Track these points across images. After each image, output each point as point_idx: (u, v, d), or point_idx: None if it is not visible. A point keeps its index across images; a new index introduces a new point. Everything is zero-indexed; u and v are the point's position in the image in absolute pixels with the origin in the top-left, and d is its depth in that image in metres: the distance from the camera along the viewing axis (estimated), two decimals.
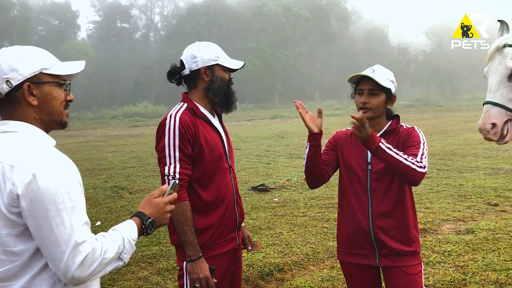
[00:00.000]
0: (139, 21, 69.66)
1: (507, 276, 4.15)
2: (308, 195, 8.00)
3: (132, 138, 23.35)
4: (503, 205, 6.66)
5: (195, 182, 2.36)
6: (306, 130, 2.38)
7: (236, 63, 2.51)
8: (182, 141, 2.28)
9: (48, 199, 1.40)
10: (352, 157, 2.46)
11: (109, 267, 1.50)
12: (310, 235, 5.69)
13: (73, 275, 1.41)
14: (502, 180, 8.35)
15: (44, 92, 1.56)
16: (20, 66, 1.52)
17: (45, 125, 1.60)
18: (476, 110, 34.02)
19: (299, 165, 11.51)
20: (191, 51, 2.44)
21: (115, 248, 1.51)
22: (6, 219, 1.43)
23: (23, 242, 1.45)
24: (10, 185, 1.41)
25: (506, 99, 2.63)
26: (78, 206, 1.46)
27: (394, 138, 2.41)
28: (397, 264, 2.37)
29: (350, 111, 40.24)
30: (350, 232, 2.46)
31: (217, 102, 2.45)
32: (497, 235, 5.32)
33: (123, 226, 1.60)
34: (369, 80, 2.37)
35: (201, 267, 2.25)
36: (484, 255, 4.70)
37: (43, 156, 1.46)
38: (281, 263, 4.73)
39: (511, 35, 2.73)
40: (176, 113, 2.35)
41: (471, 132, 17.29)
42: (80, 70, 1.68)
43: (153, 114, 43.86)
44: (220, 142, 2.46)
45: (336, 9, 62.88)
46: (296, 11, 55.41)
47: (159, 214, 1.70)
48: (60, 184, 1.42)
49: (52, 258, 1.42)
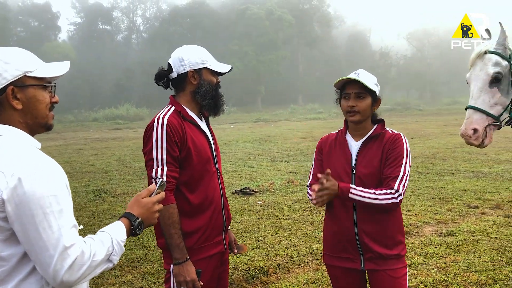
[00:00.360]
0: (121, 23, 69.10)
1: (487, 277, 4.23)
2: (292, 198, 8.03)
3: (113, 141, 23.11)
4: (483, 207, 6.79)
5: (183, 185, 2.35)
6: (289, 133, 2.43)
7: (223, 67, 2.51)
8: (170, 144, 2.28)
9: (35, 203, 1.38)
10: (337, 162, 2.48)
11: (99, 269, 1.49)
12: (295, 238, 5.71)
13: (62, 279, 1.39)
14: (482, 183, 8.51)
15: (29, 96, 1.54)
16: (4, 69, 1.49)
17: (30, 128, 1.58)
18: (456, 114, 34.61)
19: (283, 168, 11.56)
20: (179, 54, 2.44)
21: (104, 250, 1.49)
22: None
23: (10, 247, 1.43)
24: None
25: (488, 105, 2.72)
26: (65, 210, 1.44)
27: (379, 144, 2.43)
28: (381, 267, 2.40)
29: (332, 114, 40.62)
30: (335, 236, 2.48)
31: (205, 105, 2.45)
32: (477, 237, 5.42)
33: (111, 228, 1.59)
34: (355, 84, 2.39)
35: (188, 270, 2.24)
36: (465, 257, 4.78)
37: (28, 160, 1.43)
38: (266, 266, 4.73)
39: (494, 42, 2.80)
40: (164, 116, 2.34)
41: (451, 135, 17.60)
42: (65, 72, 1.65)
43: (134, 117, 43.51)
44: (207, 145, 2.46)
45: (319, 13, 63.35)
46: (279, 15, 55.64)
47: (148, 214, 1.69)
48: (46, 188, 1.40)
49: (40, 262, 1.40)
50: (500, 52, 2.74)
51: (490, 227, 5.78)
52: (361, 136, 2.48)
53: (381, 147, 2.42)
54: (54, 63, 1.66)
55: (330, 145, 2.55)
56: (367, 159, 2.42)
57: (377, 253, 2.38)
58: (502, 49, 2.75)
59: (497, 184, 8.42)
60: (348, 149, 2.47)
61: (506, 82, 2.73)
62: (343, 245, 2.44)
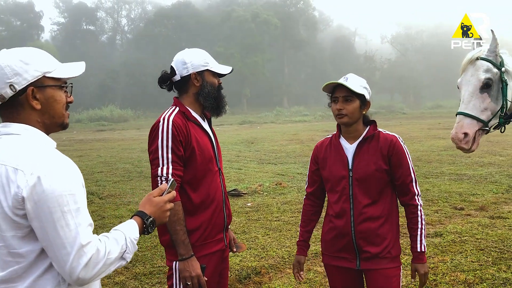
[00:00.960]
0: (105, 24, 68.66)
1: (474, 276, 4.34)
2: (281, 200, 8.09)
3: (98, 142, 22.93)
4: (468, 209, 6.93)
5: (186, 184, 2.40)
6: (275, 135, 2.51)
7: (224, 69, 2.57)
8: (175, 143, 2.32)
9: (53, 201, 1.40)
10: (333, 166, 2.53)
11: (113, 267, 1.52)
12: (285, 238, 5.77)
13: (79, 276, 1.42)
14: (467, 185, 8.69)
15: (47, 96, 1.57)
16: (24, 70, 1.51)
17: (46, 127, 1.60)
18: (439, 117, 35.21)
19: (270, 170, 11.62)
20: (181, 57, 2.49)
21: (118, 248, 1.52)
22: (11, 222, 1.43)
23: (28, 243, 1.45)
24: (14, 187, 1.41)
25: (479, 110, 2.80)
26: (82, 208, 1.47)
27: (375, 144, 2.49)
28: (376, 267, 2.45)
29: (318, 117, 40.92)
30: (332, 237, 2.54)
31: (208, 106, 2.51)
32: (464, 237, 5.54)
33: (124, 226, 1.61)
34: (343, 88, 2.44)
35: (193, 265, 2.29)
36: (452, 257, 4.88)
37: (46, 159, 1.46)
38: (258, 267, 4.77)
39: (485, 48, 2.89)
40: (169, 116, 2.38)
41: (435, 139, 17.89)
42: (81, 72, 1.68)
43: (119, 118, 43.22)
44: (210, 145, 2.51)
45: (304, 16, 63.80)
46: (265, 18, 55.88)
47: (159, 213, 1.71)
48: (64, 186, 1.42)
49: (57, 259, 1.43)
50: (491, 59, 2.82)
51: (476, 228, 5.91)
52: (355, 138, 2.53)
53: (377, 148, 2.47)
54: (70, 63, 1.68)
55: (325, 150, 2.60)
56: (364, 161, 2.46)
57: (372, 254, 2.44)
58: (493, 56, 2.83)
59: (481, 186, 8.60)
60: (343, 152, 2.51)
61: (496, 88, 2.81)
62: (339, 245, 2.50)
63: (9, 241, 1.44)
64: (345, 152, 2.51)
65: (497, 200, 7.48)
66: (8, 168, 1.44)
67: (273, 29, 57.05)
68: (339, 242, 2.50)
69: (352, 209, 2.46)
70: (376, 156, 2.46)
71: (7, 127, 1.54)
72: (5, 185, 1.43)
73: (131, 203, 8.27)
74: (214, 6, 64.98)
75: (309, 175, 2.70)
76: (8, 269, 1.45)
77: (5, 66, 1.50)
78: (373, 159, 2.45)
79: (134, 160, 14.71)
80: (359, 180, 2.45)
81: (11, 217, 1.43)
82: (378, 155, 2.46)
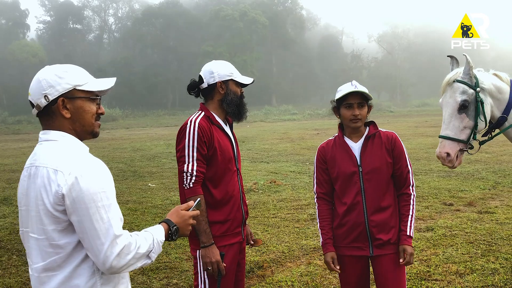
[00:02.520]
0: (92, 22, 68.13)
1: (465, 267, 4.60)
2: (276, 197, 8.30)
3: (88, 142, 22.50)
4: (457, 204, 7.23)
5: (208, 180, 2.67)
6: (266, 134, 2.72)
7: (247, 79, 2.87)
8: (200, 143, 2.61)
9: (89, 198, 1.60)
10: (343, 164, 2.75)
11: (139, 263, 1.71)
12: (284, 234, 5.98)
13: (112, 264, 1.62)
14: (455, 182, 9.00)
15: (77, 106, 1.77)
16: (57, 83, 1.73)
17: (78, 134, 1.81)
18: (425, 115, 35.72)
19: (263, 169, 11.83)
20: (209, 67, 2.78)
21: (146, 245, 1.72)
22: (52, 217, 1.64)
23: (66, 236, 1.65)
24: (55, 186, 1.62)
25: (458, 130, 3.14)
26: (113, 204, 1.67)
27: (378, 141, 2.76)
28: (388, 252, 2.71)
29: (306, 116, 41.20)
30: (346, 229, 2.75)
31: (230, 112, 2.79)
32: (454, 231, 5.81)
33: (153, 229, 1.83)
34: (356, 94, 2.67)
35: (213, 252, 2.57)
36: (444, 250, 5.14)
37: (82, 161, 1.67)
38: (260, 261, 4.99)
39: (461, 70, 3.19)
40: (196, 119, 2.67)
41: (423, 136, 18.25)
42: (111, 87, 1.88)
43: (107, 117, 42.84)
44: (230, 147, 2.79)
45: (292, 15, 64.07)
46: (253, 17, 56.01)
47: (183, 225, 1.93)
48: (98, 185, 1.63)
49: (92, 249, 1.62)
50: (467, 81, 3.12)
51: (465, 222, 6.19)
52: (358, 137, 2.79)
53: (381, 144, 2.74)
54: (102, 79, 1.89)
55: (332, 150, 2.83)
56: (371, 156, 2.72)
57: (384, 241, 2.69)
58: (468, 78, 3.12)
59: (469, 183, 8.92)
60: (350, 150, 2.76)
61: (473, 107, 3.11)
62: (353, 236, 2.73)
63: (50, 234, 1.65)
64: (352, 150, 2.75)
65: (484, 196, 7.79)
66: (49, 169, 1.65)
67: (261, 28, 57.19)
68: (353, 233, 2.72)
69: (364, 201, 2.70)
70: (381, 151, 2.72)
71: (46, 134, 1.77)
72: (46, 184, 1.64)
73: (129, 201, 8.41)
74: (202, 4, 64.91)
75: (317, 176, 2.88)
76: (49, 259, 1.66)
77: (42, 80, 1.74)
78: (379, 154, 2.72)
79: (127, 159, 14.81)
80: (369, 174, 2.70)
81: (52, 212, 1.63)
82: (383, 150, 2.72)
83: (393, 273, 2.70)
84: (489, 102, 3.20)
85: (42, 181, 1.65)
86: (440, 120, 3.24)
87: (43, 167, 1.67)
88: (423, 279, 4.35)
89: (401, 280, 2.73)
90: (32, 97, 1.75)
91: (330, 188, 2.85)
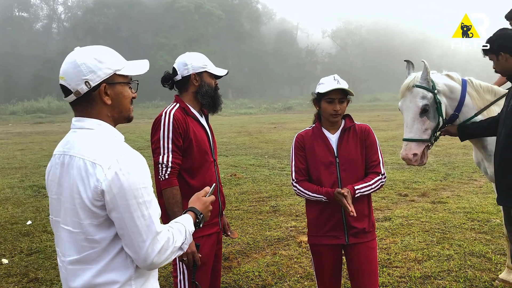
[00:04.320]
0: (40, 11, 65.17)
1: (423, 254, 4.82)
2: (238, 190, 8.34)
3: (38, 135, 22.06)
4: (412, 195, 7.54)
5: (184, 171, 2.66)
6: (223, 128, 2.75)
7: (221, 71, 2.87)
8: (175, 135, 2.60)
9: (130, 194, 1.53)
10: (320, 153, 2.82)
11: (174, 255, 1.67)
12: (247, 226, 6.04)
13: (153, 261, 1.57)
14: (408, 174, 9.37)
15: (117, 92, 1.69)
16: (98, 68, 1.63)
17: (115, 121, 1.73)
18: (377, 110, 36.82)
19: (223, 162, 11.82)
20: (183, 59, 2.77)
21: (181, 238, 1.69)
22: (89, 211, 1.56)
23: (102, 231, 1.58)
24: (94, 181, 1.53)
25: (421, 131, 3.37)
26: (154, 200, 1.61)
27: (353, 133, 2.85)
28: (362, 240, 2.80)
29: (263, 110, 41.38)
30: (323, 219, 2.82)
31: (205, 104, 2.79)
32: (410, 221, 6.06)
33: (183, 219, 1.78)
34: (337, 90, 2.73)
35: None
36: (402, 238, 5.36)
37: (121, 153, 1.58)
38: (226, 253, 5.01)
39: (419, 75, 3.40)
40: (171, 111, 2.66)
41: (376, 130, 18.50)
42: (146, 70, 1.79)
43: (57, 110, 41.45)
44: (206, 138, 2.79)
45: (248, 9, 64.05)
46: (208, 9, 55.57)
47: (206, 211, 1.91)
48: (139, 180, 1.56)
49: (133, 246, 1.56)
50: (425, 86, 3.33)
51: (420, 212, 6.48)
52: (335, 129, 2.87)
53: (356, 136, 2.84)
54: (135, 61, 1.79)
55: (310, 139, 2.88)
56: (347, 148, 2.81)
57: (359, 229, 2.79)
58: (426, 82, 3.34)
59: (421, 174, 9.31)
60: (328, 141, 2.84)
61: (433, 110, 3.35)
62: (329, 225, 2.80)
63: (86, 228, 1.58)
64: (329, 141, 2.83)
65: (436, 186, 8.17)
66: (87, 161, 1.56)
67: (216, 21, 56.87)
68: (330, 222, 2.79)
69: None
70: (356, 143, 2.82)
71: (81, 121, 1.66)
72: (84, 177, 1.55)
73: None
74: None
75: (296, 164, 2.89)
76: (84, 253, 1.60)
77: (81, 64, 1.62)
78: (354, 145, 2.82)
79: None
80: (345, 164, 2.78)
81: (89, 207, 1.56)
82: (357, 142, 2.82)
83: (367, 260, 2.80)
84: (444, 101, 3.43)
85: (79, 173, 1.56)
86: (392, 115, 3.49)
87: (79, 158, 1.58)
88: (384, 266, 4.53)
89: (374, 266, 2.83)
90: (69, 82, 1.63)
91: (308, 177, 2.87)
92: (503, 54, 3.02)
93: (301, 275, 4.40)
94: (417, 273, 4.35)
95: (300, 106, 43.90)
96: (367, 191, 2.75)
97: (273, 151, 13.58)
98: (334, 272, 2.89)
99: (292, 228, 5.91)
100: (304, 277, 4.36)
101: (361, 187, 2.74)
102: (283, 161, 11.64)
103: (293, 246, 5.20)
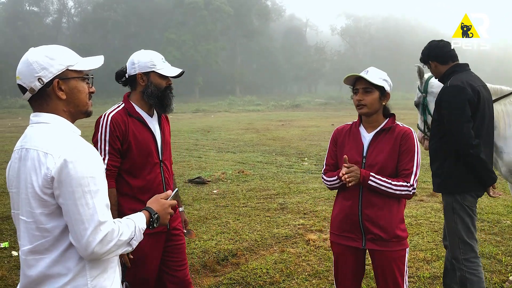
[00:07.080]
0: (50, 5, 65.45)
1: (431, 254, 4.79)
2: (245, 187, 8.34)
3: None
4: (421, 195, 7.49)
5: (124, 172, 2.71)
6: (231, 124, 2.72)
7: (172, 71, 2.80)
8: (112, 138, 2.65)
9: (76, 182, 1.58)
10: (349, 151, 2.70)
11: (120, 250, 1.70)
12: (255, 223, 6.03)
13: (93, 250, 1.59)
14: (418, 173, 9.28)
15: (71, 87, 1.75)
16: (50, 65, 1.70)
17: (72, 116, 1.79)
18: None
19: (230, 159, 11.83)
20: (132, 58, 2.78)
21: (129, 233, 1.72)
22: (40, 200, 1.62)
23: (53, 219, 1.63)
24: (44, 169, 1.59)
25: (420, 120, 3.98)
26: (101, 190, 1.65)
27: (390, 136, 2.65)
28: (381, 248, 2.64)
29: (270, 107, 41.32)
30: (341, 218, 2.73)
31: (152, 104, 2.78)
32: (419, 221, 6.02)
33: (135, 216, 1.82)
34: (363, 80, 2.65)
35: None
36: (410, 238, 5.33)
37: (72, 145, 1.64)
38: (234, 249, 5.01)
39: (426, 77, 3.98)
40: (110, 113, 2.70)
41: None
42: (100, 65, 1.86)
43: None
44: (151, 139, 2.77)
45: (257, 5, 63.87)
46: (217, 5, 55.46)
47: (163, 214, 1.94)
48: (86, 170, 1.61)
49: (75, 233, 1.60)
50: (418, 87, 3.92)
51: (429, 212, 6.43)
52: (373, 128, 2.70)
53: (392, 139, 2.63)
54: (90, 57, 1.87)
55: (344, 135, 2.78)
56: (378, 150, 2.63)
57: (377, 235, 2.62)
58: (419, 84, 3.92)
59: (430, 174, 9.19)
60: (360, 139, 2.70)
61: (421, 107, 3.90)
62: (347, 226, 2.70)
63: (37, 217, 1.63)
64: (362, 140, 2.70)
65: None
66: (40, 152, 1.62)
67: (225, 17, 56.76)
68: (347, 222, 2.69)
69: (360, 193, 2.63)
70: (389, 146, 2.62)
71: (38, 116, 1.73)
72: (37, 167, 1.61)
73: None
74: None
75: (327, 158, 2.84)
76: (36, 242, 1.64)
77: (33, 62, 1.69)
78: (387, 149, 2.61)
79: None
80: (371, 167, 2.60)
81: (40, 195, 1.61)
82: (391, 146, 2.61)
83: (384, 271, 2.66)
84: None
85: (33, 163, 1.63)
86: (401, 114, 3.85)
87: (33, 150, 1.64)
88: None
89: (392, 278, 2.66)
90: (24, 80, 1.70)
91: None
92: (431, 62, 3.42)
93: (309, 273, 4.39)
94: (426, 273, 4.32)
95: (308, 104, 43.73)
96: (383, 186, 2.53)
97: (280, 149, 13.55)
98: (352, 274, 2.77)
99: (300, 226, 5.89)
100: (312, 275, 4.35)
101: (379, 178, 2.54)
102: (291, 159, 11.62)
103: (301, 244, 5.19)
